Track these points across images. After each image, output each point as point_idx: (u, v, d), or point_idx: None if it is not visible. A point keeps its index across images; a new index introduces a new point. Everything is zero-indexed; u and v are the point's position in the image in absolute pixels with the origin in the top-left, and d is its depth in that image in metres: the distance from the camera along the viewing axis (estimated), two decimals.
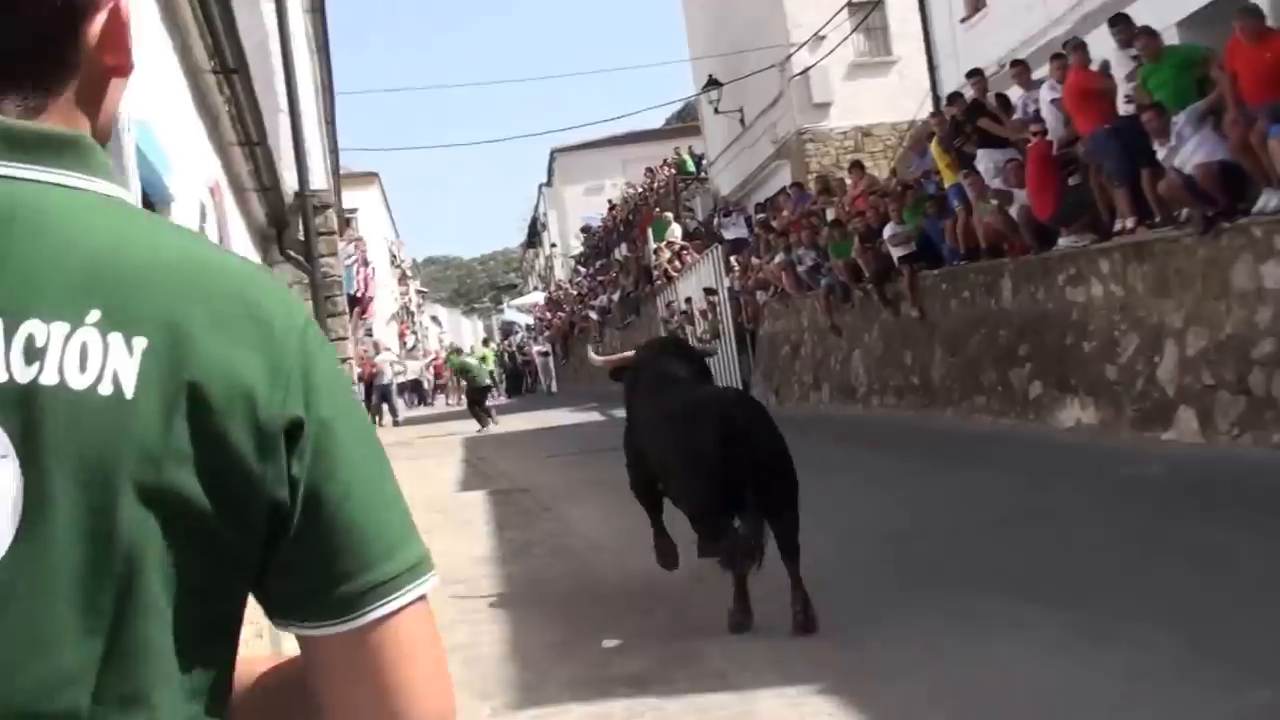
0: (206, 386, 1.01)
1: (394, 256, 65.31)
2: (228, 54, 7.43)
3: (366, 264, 21.47)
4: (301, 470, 1.07)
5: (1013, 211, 12.92)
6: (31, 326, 0.98)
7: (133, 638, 1.00)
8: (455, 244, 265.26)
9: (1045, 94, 12.82)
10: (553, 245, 63.32)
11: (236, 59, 7.55)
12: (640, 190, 37.59)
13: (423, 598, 1.14)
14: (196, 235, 1.13)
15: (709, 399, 7.30)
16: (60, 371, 0.98)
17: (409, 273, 72.30)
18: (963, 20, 19.86)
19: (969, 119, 13.76)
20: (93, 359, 0.99)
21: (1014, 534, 7.99)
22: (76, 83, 1.09)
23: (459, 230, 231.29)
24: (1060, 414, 12.35)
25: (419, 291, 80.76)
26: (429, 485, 13.91)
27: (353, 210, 59.98)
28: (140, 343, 1.00)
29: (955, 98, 15.17)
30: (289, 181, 11.30)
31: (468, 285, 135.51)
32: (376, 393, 28.96)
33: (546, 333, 47.12)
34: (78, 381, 0.99)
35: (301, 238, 11.17)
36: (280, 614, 1.13)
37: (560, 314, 45.34)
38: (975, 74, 14.42)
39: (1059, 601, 6.21)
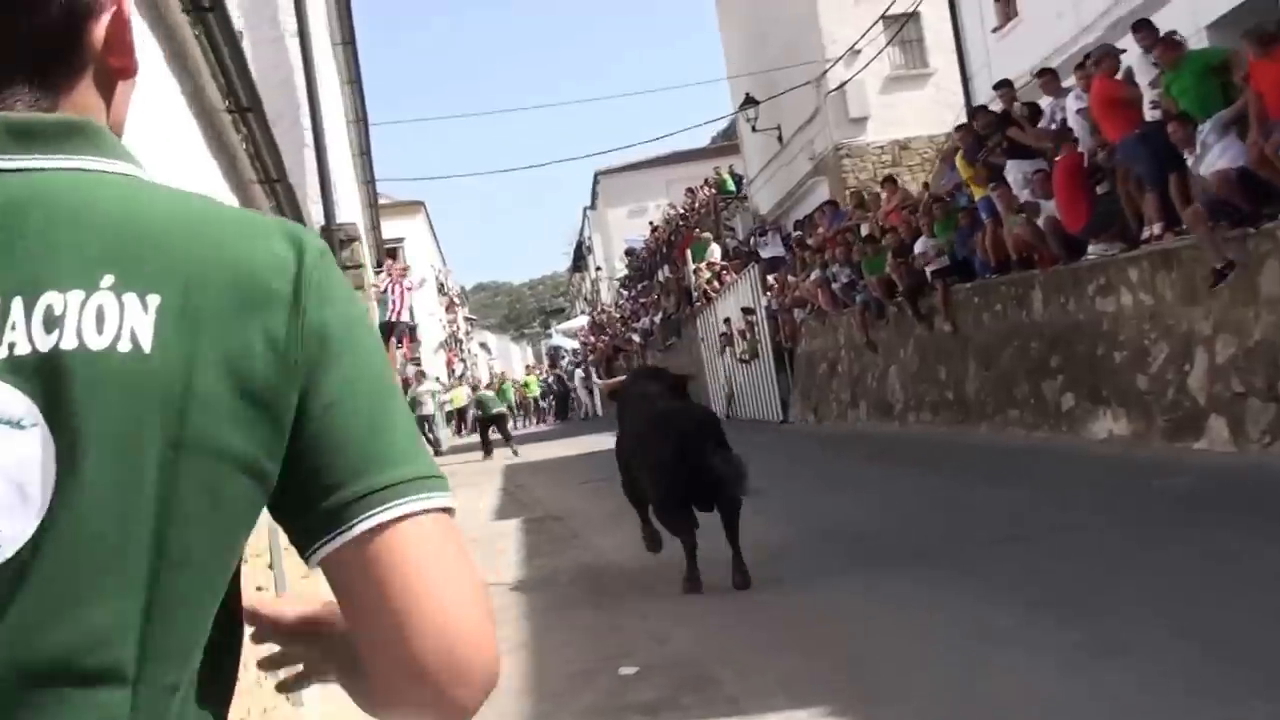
0: (222, 332, 1.03)
1: (441, 284, 65.70)
2: (241, 93, 7.52)
3: (406, 289, 21.47)
4: (310, 391, 1.07)
5: (1041, 222, 12.82)
6: (49, 298, 1.00)
7: (172, 593, 1.01)
8: (504, 269, 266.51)
9: (1071, 104, 12.74)
10: (598, 269, 63.47)
11: (250, 98, 7.64)
12: (681, 211, 37.61)
13: (436, 513, 1.09)
14: (206, 198, 1.14)
15: (668, 413, 8.79)
16: (79, 335, 1.00)
17: (457, 300, 72.70)
18: (995, 30, 19.78)
19: (995, 131, 13.67)
20: (109, 320, 1.01)
21: (1036, 549, 7.92)
22: (83, 84, 1.12)
23: (508, 255, 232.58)
24: (1093, 426, 12.23)
25: (467, 319, 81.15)
26: (464, 515, 13.95)
27: (398, 239, 60.69)
28: (154, 299, 1.02)
29: (979, 111, 15.09)
30: (316, 216, 11.41)
31: (517, 310, 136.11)
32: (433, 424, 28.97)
33: (590, 356, 47.22)
34: (96, 343, 1.00)
35: None
36: (299, 545, 1.10)
37: (603, 337, 45.41)
38: (1003, 85, 14.35)
39: (1074, 616, 6.16)
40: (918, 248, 15.85)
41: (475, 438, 43.54)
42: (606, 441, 24.57)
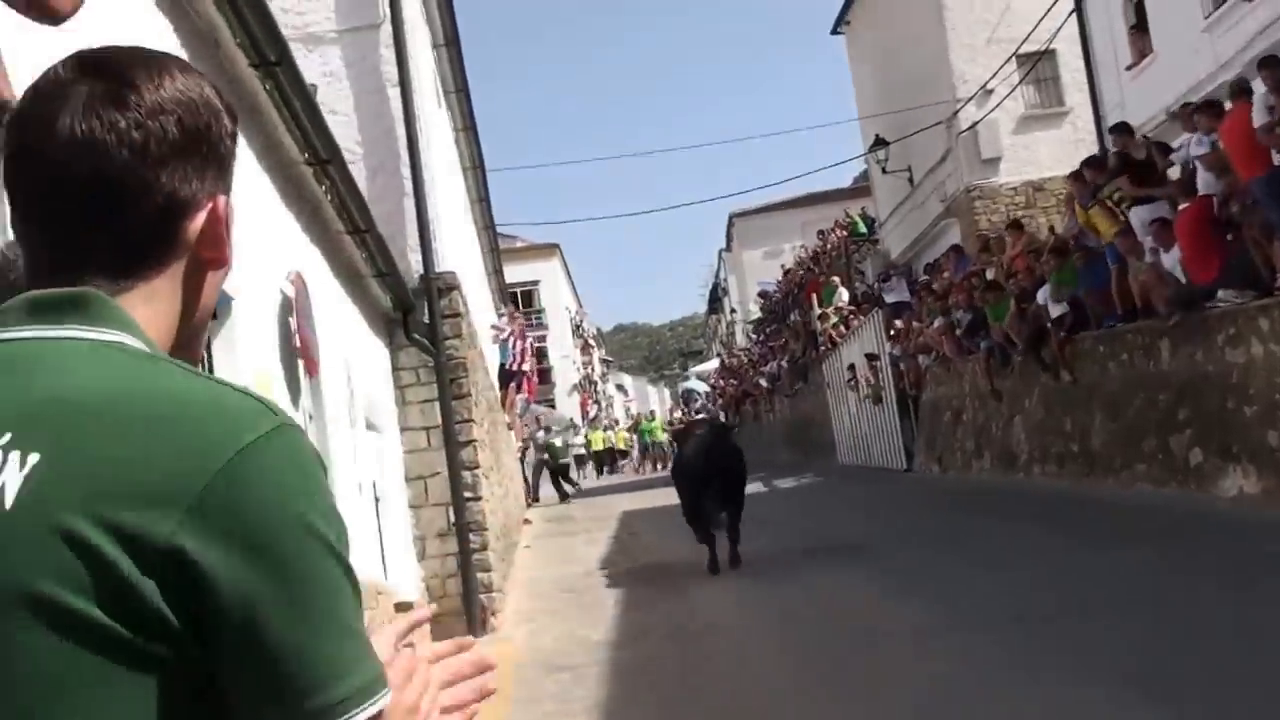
0: (93, 502, 1.02)
1: (576, 327, 66.21)
2: (319, 146, 7.52)
3: (524, 337, 21.59)
4: (203, 597, 1.04)
5: (1168, 269, 12.25)
6: None
7: None
8: (644, 311, 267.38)
9: (1194, 149, 12.13)
10: (732, 311, 63.27)
11: (328, 149, 7.63)
12: (812, 254, 37.24)
13: None
14: (170, 372, 1.14)
15: (702, 445, 12.93)
16: None
17: (592, 342, 73.14)
18: (1128, 68, 19.13)
19: (1110, 178, 13.13)
20: None
21: (1141, 618, 7.45)
22: (169, 272, 1.20)
23: (647, 296, 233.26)
24: (1222, 483, 11.58)
25: (604, 360, 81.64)
26: (569, 564, 13.90)
27: (533, 282, 61.49)
28: (33, 458, 1.03)
29: (1090, 160, 14.54)
30: (415, 264, 11.42)
31: (658, 352, 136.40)
32: (530, 469, 28.63)
33: (719, 400, 46.95)
34: None
35: (427, 320, 11.22)
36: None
37: (732, 381, 45.11)
38: (1120, 129, 13.80)
39: (1167, 694, 5.73)
40: (1040, 295, 15.33)
41: (610, 478, 43.82)
42: None
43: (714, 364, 59.53)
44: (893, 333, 21.92)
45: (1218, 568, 8.56)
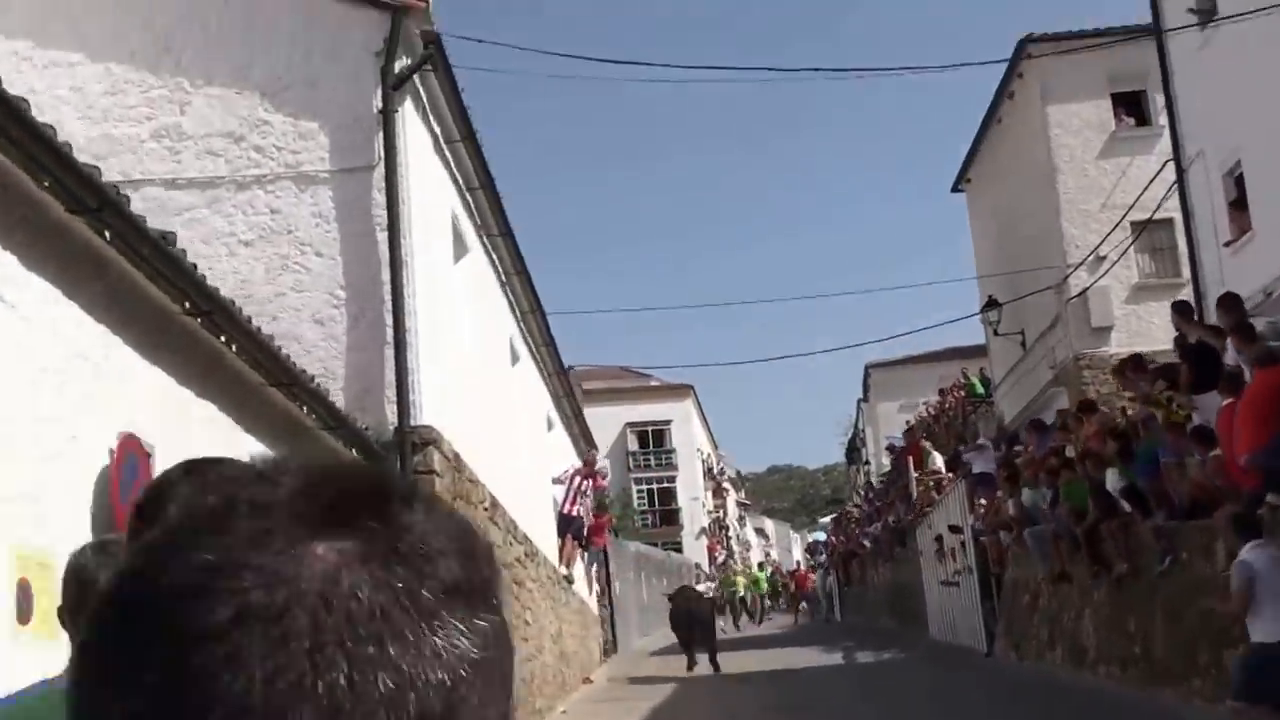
0: None
1: (710, 469, 65.32)
2: (194, 297, 7.08)
3: (589, 479, 20.90)
4: None
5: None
6: None
7: None
8: (800, 453, 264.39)
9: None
10: (866, 464, 61.76)
11: (206, 301, 7.18)
12: (932, 413, 36.02)
13: None
14: None
15: (684, 602, 23.92)
16: None
17: (728, 485, 72.02)
18: (1227, 244, 17.94)
19: (1166, 371, 12.01)
20: None
21: None
22: None
23: (802, 437, 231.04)
24: None
25: (741, 504, 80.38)
26: None
27: (665, 422, 60.98)
28: None
29: (1135, 363, 13.45)
30: (391, 415, 10.92)
31: (810, 496, 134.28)
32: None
33: (828, 556, 45.48)
34: None
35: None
36: None
37: (842, 538, 43.67)
38: (1179, 309, 12.69)
39: None
40: (1107, 480, 14.18)
41: (749, 627, 42.18)
42: (806, 657, 23.32)
43: (831, 518, 58.04)
44: (976, 506, 20.69)
45: None
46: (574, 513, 19.63)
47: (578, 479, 20.00)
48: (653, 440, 61.64)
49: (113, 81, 11.20)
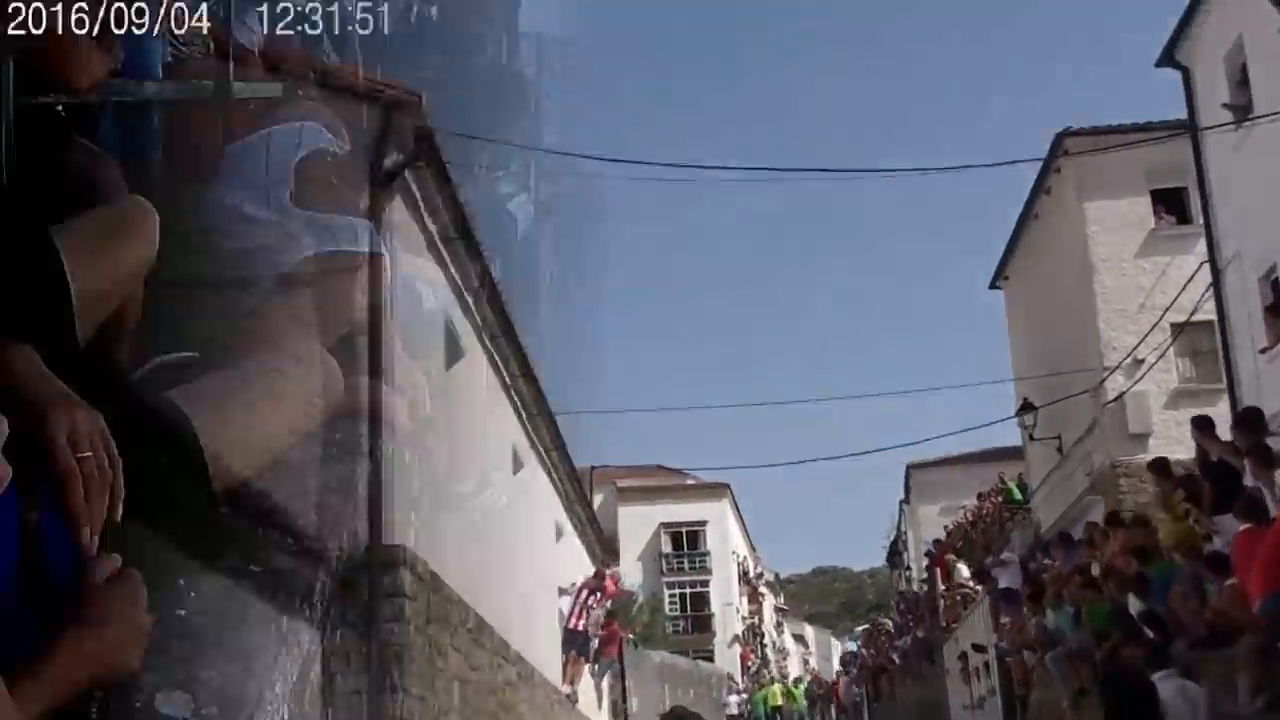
0: None
1: (745, 572, 64.09)
2: None
3: (599, 591, 20.25)
4: None
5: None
6: None
7: None
8: (845, 554, 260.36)
9: None
10: (907, 568, 60.48)
11: None
12: (969, 519, 35.10)
13: None
14: None
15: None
16: None
17: (764, 589, 70.50)
18: (1262, 351, 17.29)
19: (1179, 486, 11.35)
20: None
21: None
22: None
23: (848, 538, 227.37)
24: None
25: (779, 609, 78.69)
26: None
27: (699, 523, 59.97)
28: None
29: (1159, 466, 12.77)
30: (362, 533, 10.40)
31: (855, 599, 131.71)
32: None
33: (860, 670, 44.26)
34: None
35: (368, 598, 10.17)
36: None
37: (872, 651, 42.49)
38: (1200, 424, 12.05)
39: None
40: (1132, 601, 13.45)
41: None
42: None
43: (863, 629, 56.73)
44: (1002, 623, 19.87)
45: None
46: (579, 627, 19.00)
47: (584, 593, 19.43)
48: (686, 542, 60.69)
49: None
